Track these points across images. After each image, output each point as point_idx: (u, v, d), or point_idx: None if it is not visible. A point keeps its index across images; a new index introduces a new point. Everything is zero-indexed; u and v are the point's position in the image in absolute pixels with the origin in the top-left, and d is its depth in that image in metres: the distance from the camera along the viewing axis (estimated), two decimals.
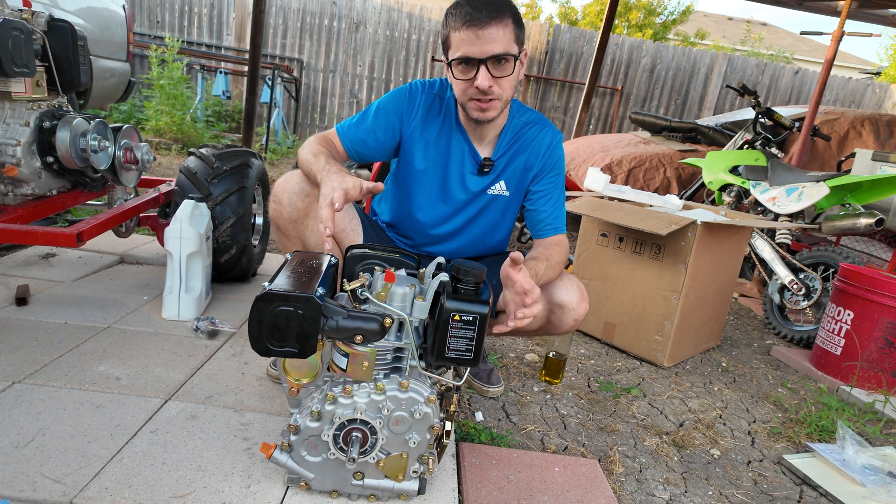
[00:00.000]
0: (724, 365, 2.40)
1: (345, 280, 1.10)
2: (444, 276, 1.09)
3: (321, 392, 1.10)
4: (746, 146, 3.82)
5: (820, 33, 4.56)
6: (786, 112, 4.53)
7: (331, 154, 1.34)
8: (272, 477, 1.17)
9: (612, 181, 4.14)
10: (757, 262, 3.03)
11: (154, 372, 1.53)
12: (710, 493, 1.48)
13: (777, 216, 3.07)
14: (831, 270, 2.71)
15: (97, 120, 1.85)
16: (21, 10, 1.70)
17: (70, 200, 1.98)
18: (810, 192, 2.87)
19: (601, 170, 3.85)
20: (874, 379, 2.18)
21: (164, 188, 2.24)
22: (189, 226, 1.84)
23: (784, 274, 2.81)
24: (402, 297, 1.07)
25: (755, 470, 1.63)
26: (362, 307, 1.06)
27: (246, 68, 6.25)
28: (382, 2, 7.53)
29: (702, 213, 2.38)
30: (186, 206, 1.89)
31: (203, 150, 2.12)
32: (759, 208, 3.23)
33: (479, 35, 1.25)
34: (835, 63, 4.55)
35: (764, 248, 2.95)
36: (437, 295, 1.08)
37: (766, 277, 2.98)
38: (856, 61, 17.76)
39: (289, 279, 1.04)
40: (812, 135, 4.07)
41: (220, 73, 7.08)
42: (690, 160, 3.79)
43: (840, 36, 4.20)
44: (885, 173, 2.83)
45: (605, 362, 2.23)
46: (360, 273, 1.13)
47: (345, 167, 1.25)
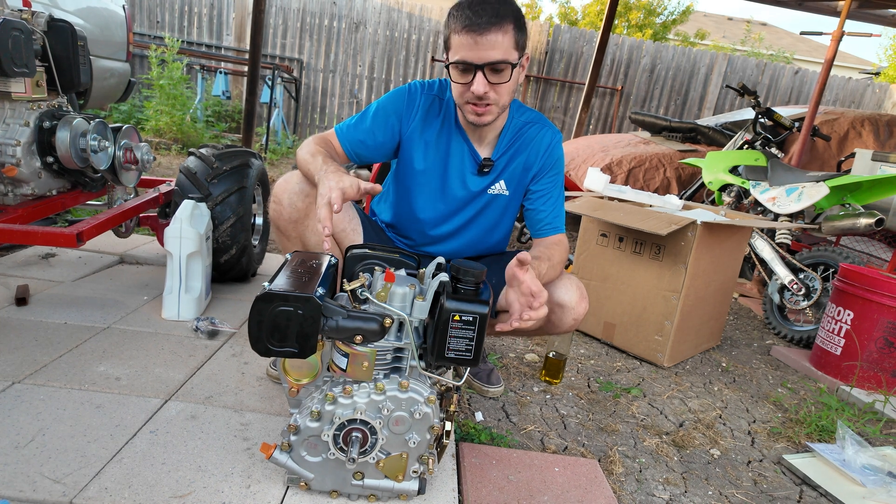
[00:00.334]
0: (724, 365, 2.40)
1: (345, 280, 1.10)
2: (444, 276, 1.09)
3: (321, 392, 1.10)
4: (746, 146, 3.82)
5: (820, 33, 4.56)
6: (786, 112, 4.53)
7: (328, 154, 1.34)
8: (272, 477, 1.17)
9: (612, 181, 4.14)
10: (757, 262, 3.04)
11: (154, 372, 1.53)
12: (710, 493, 1.48)
13: (777, 216, 3.07)
14: (831, 270, 2.71)
15: (97, 120, 1.85)
16: (21, 10, 1.70)
17: (70, 200, 1.98)
18: (810, 193, 2.87)
19: (601, 170, 3.85)
20: (874, 379, 2.18)
21: (163, 188, 2.24)
22: (189, 226, 1.84)
23: (784, 274, 2.81)
24: (402, 297, 1.07)
25: (755, 470, 1.63)
26: (362, 307, 1.06)
27: (246, 68, 6.26)
28: (382, 2, 7.53)
29: (702, 213, 2.38)
30: (186, 206, 1.89)
31: (203, 151, 2.12)
32: (759, 208, 3.23)
33: (478, 41, 1.24)
34: (835, 63, 4.55)
35: (764, 248, 2.95)
36: (437, 295, 1.08)
37: (766, 277, 2.98)
38: (856, 61, 17.76)
39: (289, 279, 1.04)
40: (812, 135, 4.07)
41: (220, 73, 7.08)
42: (690, 160, 3.79)
43: (840, 36, 4.20)
44: (884, 173, 2.83)
45: (605, 362, 2.23)
46: (360, 273, 1.13)
47: (343, 168, 1.25)
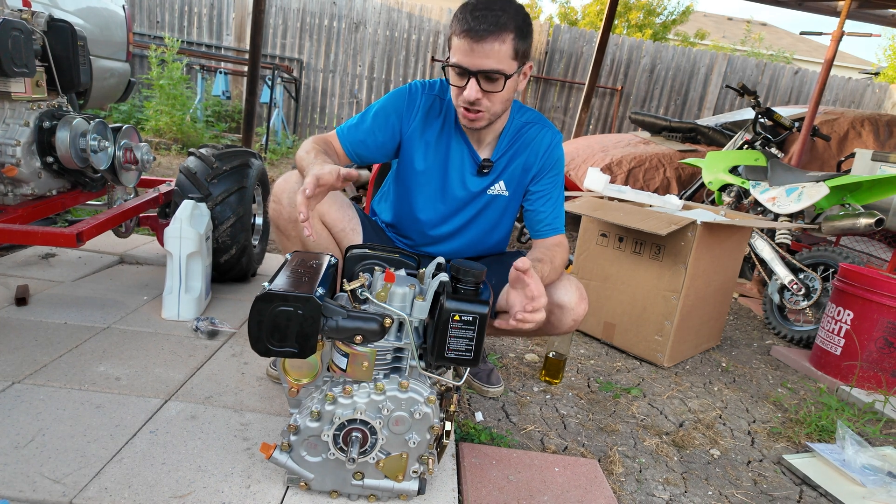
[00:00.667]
0: (723, 365, 2.40)
1: (345, 280, 1.10)
2: (443, 276, 1.09)
3: (321, 392, 1.10)
4: (746, 146, 3.82)
5: (820, 33, 4.56)
6: (785, 112, 4.53)
7: (323, 151, 1.33)
8: (272, 477, 1.16)
9: (612, 181, 4.14)
10: (757, 262, 3.04)
11: (154, 372, 1.53)
12: (710, 493, 1.48)
13: (777, 216, 3.07)
14: (831, 270, 2.71)
15: (97, 120, 1.85)
16: (21, 10, 1.70)
17: (70, 200, 1.98)
18: (810, 193, 2.87)
19: (601, 170, 3.85)
20: (874, 379, 2.18)
21: (163, 188, 2.24)
22: (189, 226, 1.84)
23: (784, 274, 2.81)
24: (402, 297, 1.07)
25: (755, 470, 1.63)
26: (362, 307, 1.06)
27: (246, 68, 6.26)
28: (382, 2, 7.53)
29: (702, 213, 2.38)
30: (186, 206, 1.89)
31: (203, 151, 2.12)
32: (759, 208, 3.23)
33: (474, 48, 1.24)
34: (834, 63, 4.55)
35: (764, 248, 2.95)
36: (436, 295, 1.08)
37: (766, 277, 2.98)
38: (855, 61, 17.77)
39: (289, 279, 1.04)
40: (812, 135, 4.07)
41: (220, 73, 7.08)
42: (690, 160, 3.79)
43: (840, 36, 4.20)
44: (884, 173, 2.83)
45: (604, 362, 2.23)
46: (360, 273, 1.13)
47: (331, 161, 1.24)
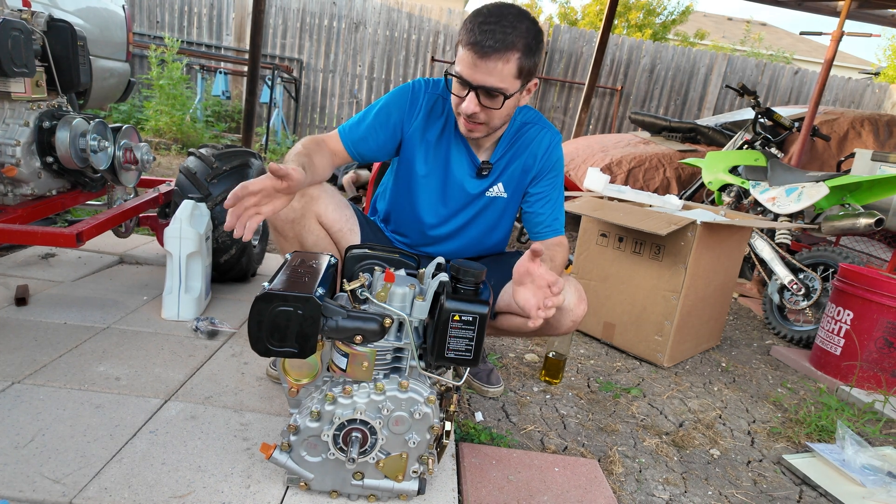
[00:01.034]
0: (723, 365, 2.40)
1: (344, 280, 1.10)
2: (443, 277, 1.09)
3: (321, 392, 1.10)
4: (746, 146, 3.82)
5: (819, 33, 4.56)
6: (785, 112, 4.53)
7: (303, 154, 1.29)
8: (272, 477, 1.16)
9: (612, 181, 4.14)
10: (757, 262, 3.04)
11: (154, 372, 1.53)
12: (710, 493, 1.48)
13: (777, 216, 3.07)
14: (831, 270, 2.71)
15: (97, 120, 1.85)
16: (21, 10, 1.70)
17: (70, 200, 1.98)
18: (810, 193, 2.87)
19: (601, 170, 3.85)
20: (874, 379, 2.18)
21: (163, 188, 2.24)
22: (189, 226, 1.84)
23: (784, 274, 2.81)
24: (402, 297, 1.07)
25: (755, 470, 1.63)
26: (362, 307, 1.06)
27: (245, 68, 6.26)
28: (382, 2, 7.53)
29: (701, 213, 2.38)
30: (186, 206, 1.89)
31: (203, 151, 2.12)
32: (759, 208, 3.23)
33: (478, 64, 1.23)
34: (834, 63, 4.55)
35: (763, 248, 2.95)
36: (436, 295, 1.08)
37: (766, 277, 2.98)
38: (855, 61, 17.77)
39: (288, 279, 1.04)
40: (812, 135, 4.07)
41: (220, 73, 7.08)
42: (690, 160, 3.79)
43: (839, 36, 4.20)
44: (884, 173, 2.83)
45: (604, 362, 2.23)
46: (360, 273, 1.13)
47: (302, 167, 1.19)
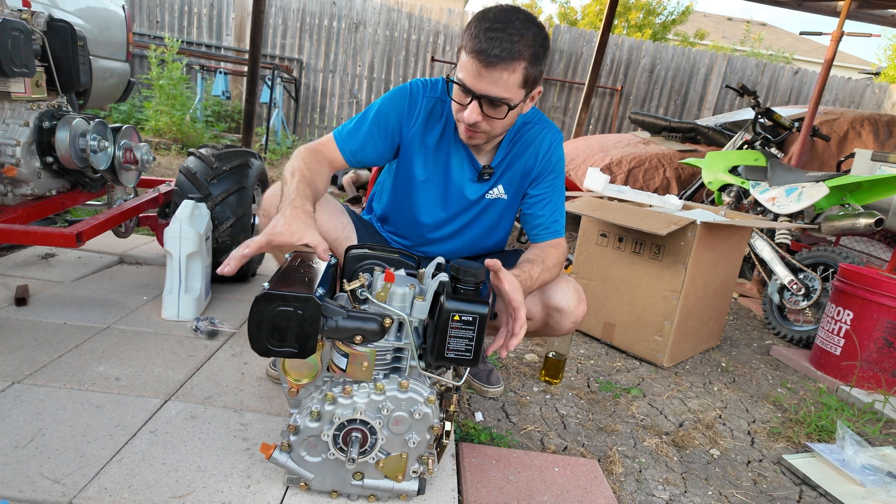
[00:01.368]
0: (723, 365, 2.40)
1: (344, 280, 1.09)
2: (443, 277, 1.09)
3: (321, 392, 1.10)
4: (746, 146, 3.82)
5: (819, 33, 4.56)
6: (785, 112, 4.53)
7: (307, 175, 1.23)
8: (272, 477, 1.16)
9: (612, 181, 4.14)
10: (756, 263, 3.04)
11: (154, 372, 1.53)
12: (710, 493, 1.48)
13: (776, 216, 3.07)
14: (831, 270, 2.71)
15: (97, 120, 1.85)
16: (21, 10, 1.70)
17: (69, 201, 1.98)
18: (810, 193, 2.87)
19: (601, 170, 3.85)
20: (874, 379, 2.18)
21: (163, 188, 2.24)
22: (189, 226, 1.84)
23: (783, 274, 2.81)
24: (402, 297, 1.07)
25: (755, 470, 1.63)
26: (362, 307, 1.06)
27: (245, 68, 6.26)
28: (382, 2, 7.53)
29: (701, 214, 2.38)
30: (186, 206, 1.89)
31: (203, 151, 2.12)
32: (759, 208, 3.23)
33: (482, 73, 1.18)
34: (834, 63, 4.55)
35: (763, 249, 2.95)
36: (436, 295, 1.08)
37: (766, 277, 2.98)
38: (855, 61, 17.77)
39: (288, 279, 1.04)
40: (811, 135, 4.07)
41: (220, 73, 7.08)
42: (690, 160, 3.79)
43: (839, 36, 4.20)
44: (884, 173, 2.83)
45: (604, 362, 2.23)
46: (360, 273, 1.13)
47: (308, 207, 1.14)
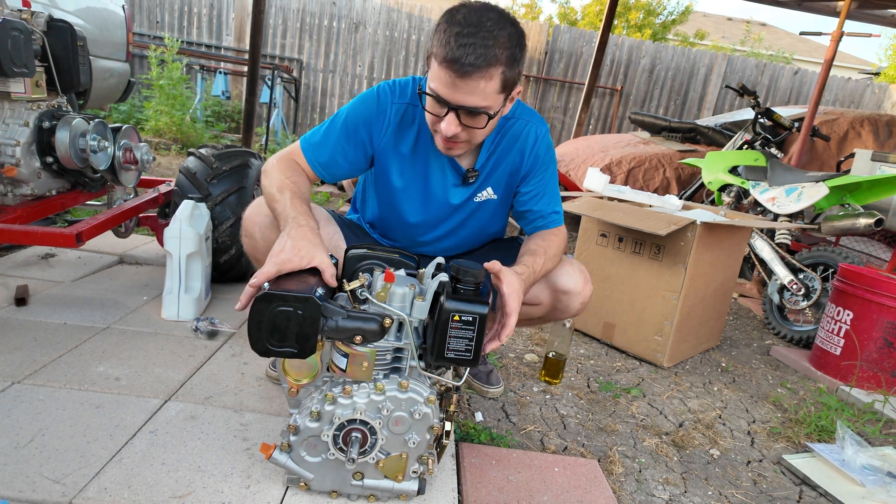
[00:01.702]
0: (723, 365, 2.40)
1: (344, 280, 1.09)
2: (443, 276, 1.09)
3: (321, 392, 1.10)
4: (746, 146, 3.82)
5: (819, 34, 4.56)
6: (785, 112, 4.53)
7: (296, 192, 1.20)
8: (272, 477, 1.16)
9: (612, 181, 4.14)
10: (756, 263, 3.04)
11: (153, 372, 1.53)
12: (710, 493, 1.48)
13: (776, 216, 3.07)
14: (831, 270, 2.71)
15: (97, 120, 1.85)
16: (21, 11, 1.70)
17: (69, 201, 1.98)
18: (810, 193, 2.87)
19: (601, 170, 3.85)
20: (873, 379, 2.18)
21: (163, 188, 2.24)
22: (188, 226, 1.84)
23: (783, 274, 2.81)
24: (402, 297, 1.07)
25: (755, 470, 1.63)
26: (362, 307, 1.06)
27: (245, 68, 6.26)
28: (382, 2, 7.53)
29: (701, 214, 2.38)
30: (186, 206, 1.89)
31: (202, 151, 2.12)
32: (759, 208, 3.23)
33: (457, 83, 1.10)
34: (834, 63, 4.55)
35: (763, 249, 2.95)
36: (436, 295, 1.08)
37: (766, 277, 2.98)
38: (855, 62, 17.76)
39: (288, 280, 1.04)
40: (811, 135, 4.07)
41: (220, 73, 7.08)
42: (690, 160, 3.79)
43: (839, 36, 4.20)
44: (884, 173, 2.83)
45: (604, 362, 2.23)
46: (360, 273, 1.13)
47: (313, 224, 1.13)
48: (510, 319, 1.14)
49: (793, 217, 3.01)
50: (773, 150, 3.72)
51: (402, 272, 1.16)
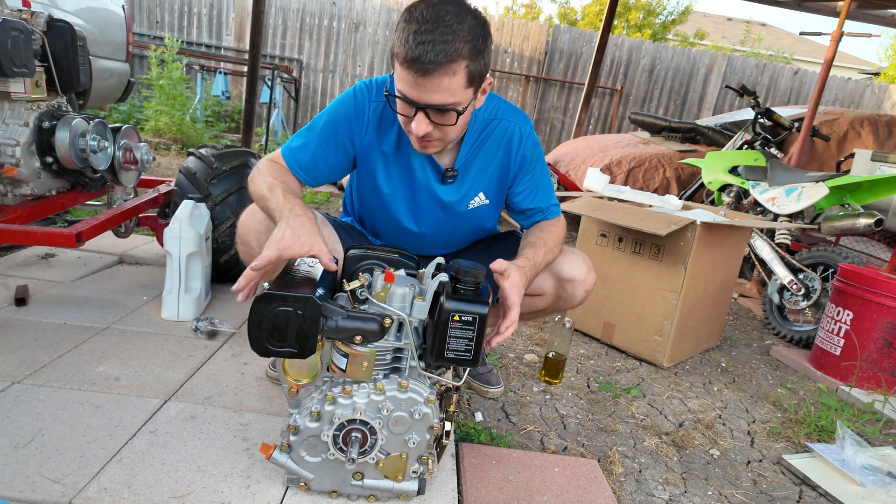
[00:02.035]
0: (723, 365, 2.40)
1: (344, 280, 1.09)
2: (443, 277, 1.09)
3: (321, 392, 1.10)
4: (746, 146, 3.82)
5: (819, 34, 4.56)
6: (785, 112, 4.53)
7: (287, 188, 1.21)
8: (271, 477, 1.16)
9: (612, 181, 4.14)
10: (756, 263, 3.04)
11: (153, 372, 1.53)
12: (710, 493, 1.48)
13: (776, 216, 3.07)
14: (831, 271, 2.71)
15: (96, 120, 1.85)
16: (20, 11, 1.70)
17: (69, 201, 1.98)
18: (809, 193, 2.87)
19: (601, 170, 3.85)
20: (873, 379, 2.18)
21: (163, 188, 2.24)
22: (188, 226, 1.84)
23: (783, 274, 2.81)
24: (402, 297, 1.07)
25: (755, 470, 1.63)
26: (362, 307, 1.06)
27: (245, 68, 6.26)
28: (382, 2, 7.53)
29: (701, 214, 2.38)
30: (186, 206, 1.89)
31: (202, 151, 2.12)
32: (759, 208, 3.23)
33: (420, 82, 1.08)
34: (834, 63, 4.55)
35: (763, 249, 2.95)
36: (436, 295, 1.08)
37: (766, 278, 2.98)
38: (855, 62, 17.77)
39: (288, 280, 1.04)
40: (811, 135, 4.07)
41: (220, 73, 7.08)
42: (690, 160, 3.79)
43: (839, 36, 4.20)
44: (884, 173, 2.83)
45: (604, 362, 2.23)
46: (360, 273, 1.13)
47: (310, 212, 1.14)
48: (512, 312, 1.14)
49: (793, 217, 3.02)
50: (773, 151, 3.72)
51: (402, 272, 1.16)
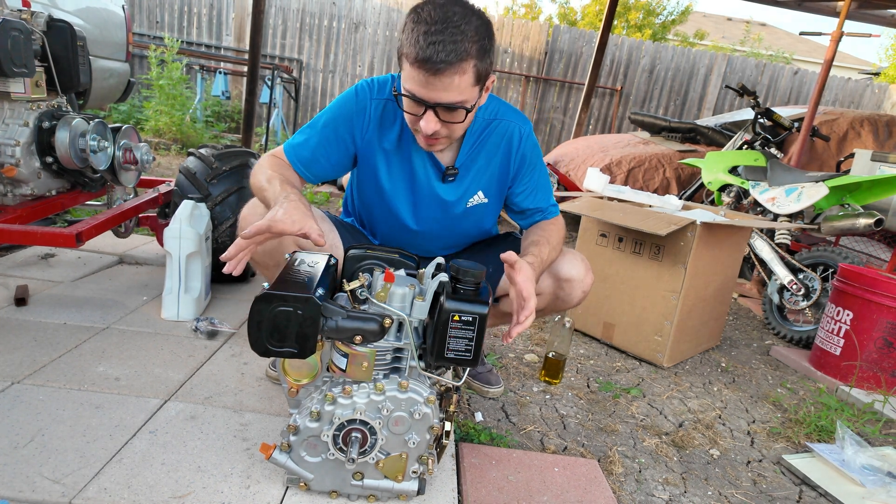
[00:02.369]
0: (723, 365, 2.40)
1: (344, 280, 1.09)
2: (443, 276, 1.09)
3: (320, 392, 1.10)
4: (746, 146, 3.82)
5: (819, 34, 4.56)
6: (785, 112, 4.53)
7: (285, 179, 1.23)
8: (271, 477, 1.16)
9: (612, 181, 4.14)
10: (756, 263, 3.04)
11: (153, 372, 1.53)
12: (710, 493, 1.48)
13: (776, 216, 3.07)
14: (830, 271, 2.71)
15: (96, 120, 1.85)
16: (20, 11, 1.70)
17: (69, 201, 1.98)
18: (809, 193, 2.87)
19: (601, 170, 3.86)
20: (873, 379, 2.18)
21: (163, 188, 2.24)
22: (188, 226, 1.84)
23: (783, 274, 2.81)
24: (402, 297, 1.07)
25: (755, 470, 1.63)
26: (362, 307, 1.06)
27: (245, 68, 6.26)
28: (382, 2, 7.53)
29: (701, 214, 2.38)
30: (186, 206, 1.89)
31: (202, 151, 2.12)
32: (759, 208, 3.23)
33: (431, 81, 1.10)
34: (834, 63, 4.55)
35: (763, 249, 2.95)
36: (436, 295, 1.08)
37: (766, 278, 2.98)
38: (855, 62, 17.77)
39: (288, 280, 1.04)
40: (811, 135, 4.07)
41: (220, 73, 7.07)
42: (690, 160, 3.79)
43: (839, 36, 4.20)
44: (884, 173, 2.83)
45: (604, 362, 2.23)
46: (360, 273, 1.13)
47: (303, 199, 1.15)
48: (530, 303, 1.14)
49: (792, 217, 3.02)
50: (773, 151, 3.72)
51: (402, 272, 1.16)
